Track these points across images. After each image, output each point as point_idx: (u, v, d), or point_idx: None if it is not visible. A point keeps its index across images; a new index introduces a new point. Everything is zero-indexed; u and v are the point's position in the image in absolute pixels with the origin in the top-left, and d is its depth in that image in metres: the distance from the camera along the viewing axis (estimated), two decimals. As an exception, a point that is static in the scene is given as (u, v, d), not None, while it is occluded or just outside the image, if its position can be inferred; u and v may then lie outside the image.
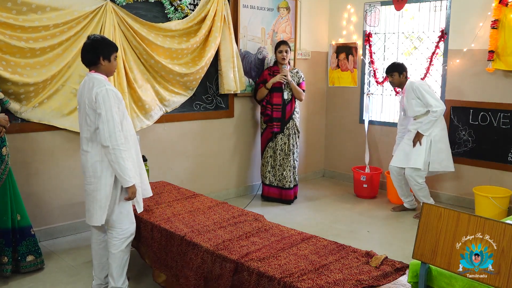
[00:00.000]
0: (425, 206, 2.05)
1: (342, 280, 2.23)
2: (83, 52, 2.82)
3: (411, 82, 4.54)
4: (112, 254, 2.88)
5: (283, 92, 4.94)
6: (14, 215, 3.26)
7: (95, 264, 3.06)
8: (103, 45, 2.81)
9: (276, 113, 4.98)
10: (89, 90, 2.73)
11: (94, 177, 2.79)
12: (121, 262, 2.90)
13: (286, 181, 5.04)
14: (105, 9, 3.93)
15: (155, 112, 4.42)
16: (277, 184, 5.08)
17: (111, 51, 2.83)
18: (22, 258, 3.31)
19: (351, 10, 5.84)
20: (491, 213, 4.36)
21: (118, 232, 2.87)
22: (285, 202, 5.07)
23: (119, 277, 2.91)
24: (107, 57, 2.80)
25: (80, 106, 2.85)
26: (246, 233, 2.85)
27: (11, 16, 3.47)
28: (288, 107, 4.98)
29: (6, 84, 3.47)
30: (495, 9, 4.46)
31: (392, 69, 4.64)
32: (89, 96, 2.71)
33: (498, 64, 4.53)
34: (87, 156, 2.80)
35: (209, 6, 4.59)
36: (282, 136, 4.99)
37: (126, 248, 2.91)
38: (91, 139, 2.78)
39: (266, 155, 5.07)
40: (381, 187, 5.53)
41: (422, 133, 4.46)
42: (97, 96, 2.67)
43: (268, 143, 5.06)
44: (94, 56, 2.78)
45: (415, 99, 4.48)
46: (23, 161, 3.79)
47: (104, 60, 2.79)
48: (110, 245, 2.89)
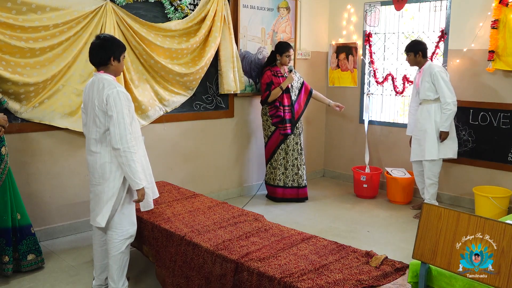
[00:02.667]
0: (425, 206, 2.05)
1: (342, 280, 2.23)
2: (93, 51, 2.77)
3: (431, 65, 4.43)
4: (113, 255, 2.87)
5: (291, 93, 5.02)
6: (14, 214, 3.26)
7: (97, 265, 3.05)
8: (114, 45, 2.78)
9: (288, 114, 5.01)
10: (99, 92, 2.69)
11: (102, 178, 2.77)
12: (121, 263, 2.89)
13: (302, 180, 5.12)
14: (105, 9, 3.93)
15: (153, 112, 4.42)
16: (291, 184, 5.11)
17: (121, 51, 2.81)
18: (22, 257, 3.32)
19: (351, 10, 5.84)
20: (491, 213, 4.35)
21: (118, 233, 2.86)
22: (301, 200, 5.15)
23: (120, 279, 2.90)
24: (117, 57, 2.78)
25: (87, 107, 2.82)
26: (246, 233, 2.85)
27: (11, 16, 3.47)
28: (296, 107, 5.07)
29: (6, 84, 3.47)
30: (495, 9, 4.46)
31: (408, 48, 4.53)
32: (100, 97, 2.68)
33: (498, 64, 4.53)
34: (95, 157, 2.78)
35: (209, 6, 4.59)
36: (294, 136, 5.04)
37: (126, 250, 2.90)
38: (100, 140, 2.76)
39: (278, 158, 5.04)
40: (381, 187, 5.53)
41: (446, 130, 4.37)
42: (108, 98, 2.64)
43: (279, 146, 5.04)
44: (104, 56, 2.74)
45: (430, 83, 4.37)
46: (23, 161, 3.79)
47: (114, 60, 2.77)
48: (110, 247, 2.88)
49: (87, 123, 2.87)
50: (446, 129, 4.36)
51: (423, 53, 4.49)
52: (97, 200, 2.82)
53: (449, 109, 4.30)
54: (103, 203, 2.78)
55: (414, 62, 4.54)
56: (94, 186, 2.83)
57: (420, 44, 4.54)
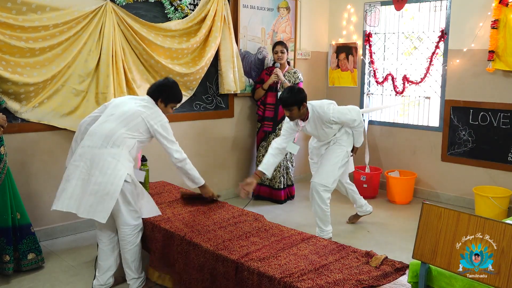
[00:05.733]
0: (425, 206, 2.05)
1: (342, 280, 2.23)
2: (159, 86, 3.16)
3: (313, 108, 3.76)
4: (129, 250, 2.98)
5: (278, 92, 4.94)
6: (14, 213, 3.27)
7: (101, 264, 3.06)
8: (168, 91, 3.17)
9: (268, 112, 5.00)
10: (149, 109, 3.08)
11: (100, 171, 2.84)
12: (138, 255, 3.04)
13: (276, 182, 5.06)
14: (105, 9, 3.93)
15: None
16: (268, 183, 5.11)
17: (174, 102, 3.23)
18: (23, 257, 3.32)
19: (351, 10, 5.84)
20: (491, 213, 4.36)
21: (130, 228, 2.95)
22: (276, 202, 5.10)
23: (139, 268, 3.05)
24: (167, 104, 3.18)
25: (117, 106, 3.04)
26: (246, 233, 2.85)
27: (11, 16, 3.46)
28: (281, 107, 4.96)
29: (6, 84, 3.47)
30: (495, 9, 4.46)
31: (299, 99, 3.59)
32: (151, 115, 3.05)
33: (498, 64, 4.53)
34: (102, 151, 2.89)
35: (209, 6, 4.59)
36: (274, 136, 4.96)
37: (140, 242, 3.04)
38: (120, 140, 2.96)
39: (258, 155, 5.09)
40: (381, 187, 5.53)
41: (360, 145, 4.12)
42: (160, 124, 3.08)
43: (261, 143, 5.08)
44: (157, 95, 3.13)
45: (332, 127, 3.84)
46: (23, 161, 3.79)
47: (162, 103, 3.15)
48: (125, 243, 2.97)
49: (106, 120, 3.00)
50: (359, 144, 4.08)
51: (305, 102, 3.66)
52: (90, 192, 2.82)
53: (360, 126, 3.90)
54: (105, 200, 2.79)
55: (297, 116, 3.69)
56: (84, 175, 2.89)
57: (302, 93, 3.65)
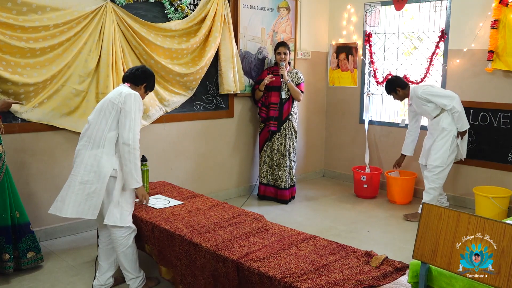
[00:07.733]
0: (425, 206, 2.05)
1: (342, 280, 2.23)
2: (136, 71, 3.06)
3: (414, 89, 4.50)
4: (121, 252, 2.96)
5: (281, 92, 4.94)
6: (13, 212, 3.27)
7: (101, 264, 3.09)
8: (152, 80, 3.14)
9: (272, 111, 5.00)
10: (118, 92, 2.93)
11: (96, 175, 2.85)
12: (132, 256, 3.02)
13: (282, 182, 5.05)
14: (105, 9, 3.93)
15: (153, 112, 4.42)
16: (273, 183, 5.11)
17: (151, 87, 3.18)
18: (22, 255, 3.33)
19: (351, 10, 5.84)
20: (491, 213, 4.36)
21: (121, 230, 2.93)
22: (281, 202, 5.09)
23: (135, 269, 3.05)
24: (147, 88, 3.12)
25: (102, 108, 2.93)
26: (246, 233, 2.85)
27: (11, 16, 3.47)
28: (285, 107, 4.99)
29: (6, 84, 3.47)
30: (495, 9, 4.46)
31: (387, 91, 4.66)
32: (119, 96, 2.87)
33: (498, 64, 4.53)
34: (98, 156, 2.87)
35: (209, 6, 4.59)
36: (279, 136, 4.99)
37: (133, 243, 3.02)
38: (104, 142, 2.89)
39: (263, 155, 5.09)
40: (381, 187, 5.53)
41: (463, 130, 4.42)
42: (128, 97, 2.85)
43: (265, 143, 5.07)
44: (141, 80, 3.07)
45: (427, 105, 4.44)
46: (23, 161, 3.79)
47: (143, 88, 3.09)
48: (117, 245, 2.96)
49: (95, 124, 2.92)
50: (464, 128, 4.41)
51: (401, 86, 4.57)
52: (87, 195, 2.86)
53: (456, 111, 4.35)
54: (92, 198, 2.85)
55: (400, 98, 4.67)
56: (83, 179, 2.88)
57: (393, 81, 4.61)
